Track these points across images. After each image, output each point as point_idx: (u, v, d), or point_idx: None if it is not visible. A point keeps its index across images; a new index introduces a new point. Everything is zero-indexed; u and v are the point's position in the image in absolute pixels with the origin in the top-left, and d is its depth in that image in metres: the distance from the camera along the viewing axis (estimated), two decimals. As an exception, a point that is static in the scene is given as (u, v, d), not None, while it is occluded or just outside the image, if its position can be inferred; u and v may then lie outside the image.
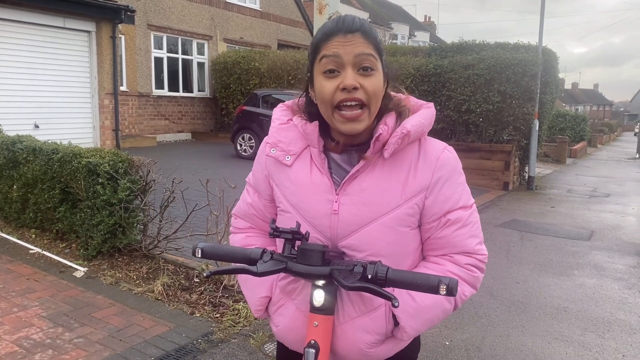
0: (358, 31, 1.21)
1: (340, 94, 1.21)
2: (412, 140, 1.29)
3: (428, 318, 1.31)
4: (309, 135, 1.32)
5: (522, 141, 11.51)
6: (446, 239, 1.32)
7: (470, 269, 1.33)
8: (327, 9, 3.57)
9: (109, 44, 11.54)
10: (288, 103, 1.46)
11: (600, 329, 4.10)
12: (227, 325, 3.65)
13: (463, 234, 1.31)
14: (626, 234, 7.64)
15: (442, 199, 1.30)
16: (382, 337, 1.32)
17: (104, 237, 4.60)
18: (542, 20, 11.65)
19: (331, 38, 1.22)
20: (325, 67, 1.22)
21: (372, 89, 1.22)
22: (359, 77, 1.21)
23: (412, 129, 1.26)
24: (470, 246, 1.32)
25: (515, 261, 5.88)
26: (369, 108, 1.23)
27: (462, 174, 1.35)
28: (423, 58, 12.69)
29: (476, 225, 1.35)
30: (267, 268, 1.21)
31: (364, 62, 1.21)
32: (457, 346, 3.66)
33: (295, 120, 1.38)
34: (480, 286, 1.38)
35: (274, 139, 1.38)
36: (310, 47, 1.29)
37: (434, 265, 1.33)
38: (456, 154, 1.36)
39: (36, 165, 5.21)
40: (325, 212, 1.29)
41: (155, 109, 15.61)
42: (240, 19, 18.43)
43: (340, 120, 1.23)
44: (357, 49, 1.20)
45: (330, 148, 1.33)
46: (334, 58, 1.20)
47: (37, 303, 3.90)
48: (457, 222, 1.31)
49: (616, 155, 26.48)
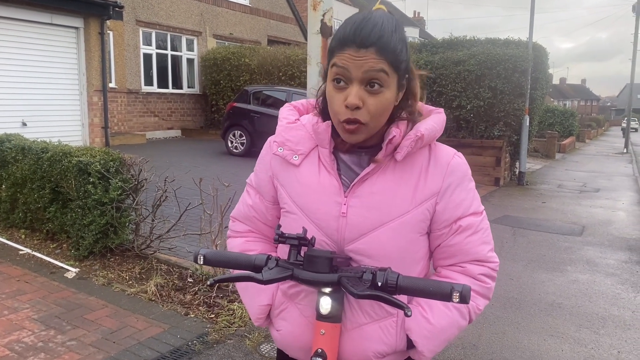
0: (372, 46, 1.13)
1: (345, 113, 1.17)
2: (425, 144, 1.27)
3: (445, 338, 1.30)
4: (320, 135, 1.28)
5: (513, 137, 11.55)
6: (458, 246, 1.30)
7: (484, 280, 1.31)
8: (321, 5, 3.52)
9: (97, 40, 11.40)
10: (295, 103, 1.43)
11: (595, 325, 4.12)
12: (222, 326, 3.61)
13: (475, 241, 1.30)
14: (617, 228, 7.69)
15: (453, 205, 1.28)
16: (391, 349, 1.30)
17: (95, 237, 4.53)
18: (533, 16, 11.69)
19: (344, 48, 1.16)
20: (334, 76, 1.19)
21: (374, 109, 1.17)
22: (365, 93, 1.16)
23: (426, 133, 1.23)
24: (482, 253, 1.31)
25: (508, 257, 5.90)
26: (368, 126, 1.20)
27: (472, 181, 1.34)
28: (414, 54, 12.68)
29: (487, 232, 1.33)
30: (273, 275, 1.17)
31: (372, 78, 1.16)
32: (454, 344, 3.65)
33: (304, 120, 1.35)
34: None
35: (282, 137, 1.34)
36: (330, 44, 1.24)
37: (446, 280, 1.29)
38: (465, 159, 1.34)
39: (25, 164, 5.13)
40: (334, 214, 1.25)
41: (145, 106, 15.47)
42: (229, 14, 18.30)
43: (342, 129, 1.22)
44: (367, 65, 1.14)
45: (339, 147, 1.30)
46: (343, 70, 1.16)
47: (28, 305, 3.84)
48: (469, 228, 1.29)
49: (604, 150, 26.72)
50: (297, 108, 1.41)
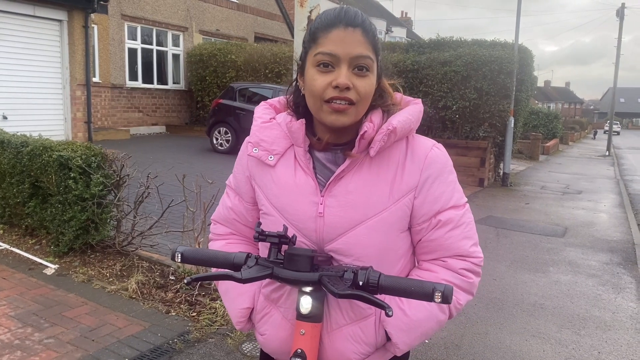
0: (359, 27, 1.17)
1: (332, 91, 1.16)
2: (399, 137, 1.24)
3: (422, 332, 1.26)
4: (294, 134, 1.26)
5: (498, 138, 11.63)
6: (438, 241, 1.26)
7: (466, 274, 1.27)
8: (308, 2, 3.50)
9: (81, 33, 11.24)
10: (270, 101, 1.40)
11: (576, 325, 4.15)
12: (204, 325, 3.57)
13: (456, 236, 1.26)
14: (598, 230, 7.77)
15: (432, 199, 1.25)
16: (372, 348, 1.27)
17: (75, 233, 4.46)
18: (519, 18, 11.76)
19: (331, 29, 1.16)
20: (320, 62, 1.17)
21: (363, 91, 1.17)
22: (353, 76, 1.16)
23: (398, 125, 1.20)
24: (464, 248, 1.26)
25: (491, 257, 5.92)
26: (357, 107, 1.19)
27: (453, 172, 1.30)
28: (400, 54, 12.70)
29: (470, 226, 1.29)
30: (252, 274, 1.14)
31: (359, 63, 1.16)
32: (437, 344, 3.65)
33: (279, 119, 1.32)
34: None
35: (256, 137, 1.31)
36: (308, 34, 1.23)
37: (427, 273, 1.27)
38: (446, 151, 1.31)
39: (4, 158, 5.02)
40: (311, 215, 1.23)
41: (129, 101, 15.30)
42: (216, 10, 18.17)
43: (328, 111, 1.18)
44: (356, 50, 1.15)
45: (314, 146, 1.27)
46: (330, 56, 1.16)
47: (5, 302, 3.76)
48: (449, 222, 1.25)
49: (587, 152, 27.05)
50: (274, 106, 1.38)
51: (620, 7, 28.99)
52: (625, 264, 6.02)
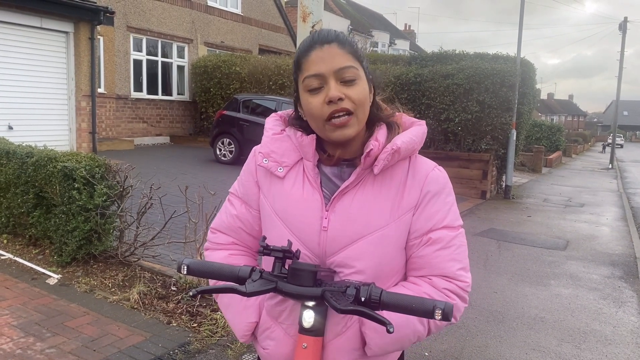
0: (334, 41, 1.22)
1: (328, 108, 1.21)
2: (403, 157, 1.27)
3: (396, 337, 1.24)
4: (305, 148, 1.30)
5: (500, 150, 11.65)
6: (425, 259, 1.27)
7: (449, 294, 1.26)
8: (310, 17, 3.54)
9: (87, 45, 11.34)
10: (281, 113, 1.43)
11: (577, 339, 4.14)
12: (205, 335, 3.58)
13: (444, 256, 1.27)
14: (600, 244, 7.77)
15: (426, 216, 1.27)
16: (360, 351, 1.28)
17: (78, 244, 4.49)
18: (521, 32, 11.84)
19: (310, 52, 1.23)
20: (310, 86, 1.23)
21: (357, 97, 1.22)
22: (343, 87, 1.21)
23: (402, 146, 1.24)
24: (450, 270, 1.26)
25: (493, 270, 5.93)
26: (357, 115, 1.23)
27: (451, 195, 1.32)
28: (403, 67, 12.79)
29: (460, 250, 1.29)
30: (257, 288, 1.17)
31: (345, 75, 1.21)
32: (437, 357, 3.66)
33: (289, 131, 1.35)
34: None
35: (267, 149, 1.34)
36: (293, 66, 1.29)
37: (412, 285, 1.28)
38: (446, 174, 1.34)
39: (9, 168, 5.07)
40: (316, 229, 1.26)
41: (134, 112, 15.40)
42: (221, 23, 18.33)
43: (330, 129, 1.23)
44: (337, 63, 1.21)
45: (323, 161, 1.31)
46: (315, 77, 1.22)
47: (8, 311, 3.78)
48: (439, 242, 1.27)
49: (590, 165, 27.02)
50: (284, 118, 1.41)
51: (623, 21, 29.12)
52: (626, 277, 6.02)
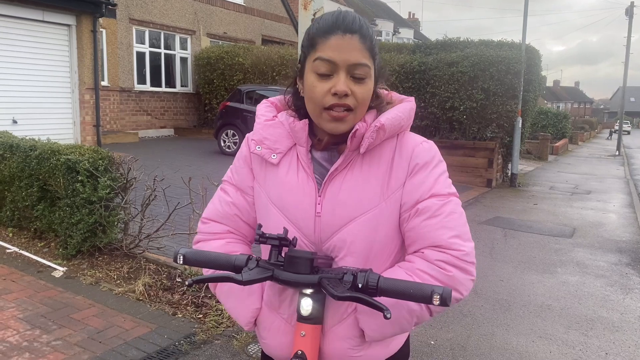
0: (357, 33, 1.17)
1: (331, 98, 1.17)
2: (389, 134, 1.24)
3: (392, 320, 1.18)
4: (297, 134, 1.27)
5: (505, 138, 11.58)
6: (415, 230, 1.22)
7: (443, 266, 1.18)
8: (312, 4, 3.51)
9: (89, 38, 11.31)
10: (272, 99, 1.41)
11: (584, 326, 4.12)
12: (210, 326, 3.58)
13: (432, 225, 1.20)
14: (607, 231, 7.72)
15: (412, 188, 1.23)
16: (360, 339, 1.26)
17: (83, 236, 4.49)
18: (526, 18, 11.72)
19: (329, 35, 1.18)
20: (318, 70, 1.18)
21: (361, 97, 1.19)
22: (351, 82, 1.18)
23: (386, 122, 1.21)
24: (441, 238, 1.19)
25: (499, 259, 5.90)
26: (356, 112, 1.20)
27: (440, 166, 1.27)
28: (407, 55, 12.69)
29: (451, 217, 1.21)
30: (253, 276, 1.15)
31: (356, 71, 1.18)
32: (442, 345, 3.65)
33: (282, 117, 1.33)
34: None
35: (260, 135, 1.32)
36: (306, 39, 1.24)
37: (407, 263, 1.24)
38: (437, 147, 1.30)
39: (13, 162, 5.08)
40: (311, 214, 1.24)
41: (137, 105, 15.40)
42: (223, 13, 18.25)
43: (327, 118, 1.20)
44: (353, 58, 1.16)
45: (314, 145, 1.29)
46: (328, 63, 1.17)
47: (14, 304, 3.80)
48: (426, 211, 1.21)
49: (597, 152, 26.86)
50: (275, 104, 1.39)
51: (630, 6, 28.79)
52: (634, 264, 5.98)
